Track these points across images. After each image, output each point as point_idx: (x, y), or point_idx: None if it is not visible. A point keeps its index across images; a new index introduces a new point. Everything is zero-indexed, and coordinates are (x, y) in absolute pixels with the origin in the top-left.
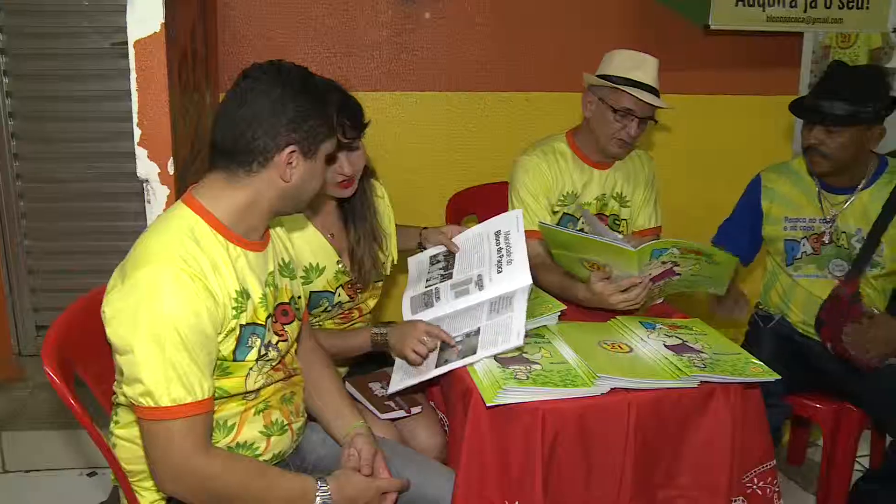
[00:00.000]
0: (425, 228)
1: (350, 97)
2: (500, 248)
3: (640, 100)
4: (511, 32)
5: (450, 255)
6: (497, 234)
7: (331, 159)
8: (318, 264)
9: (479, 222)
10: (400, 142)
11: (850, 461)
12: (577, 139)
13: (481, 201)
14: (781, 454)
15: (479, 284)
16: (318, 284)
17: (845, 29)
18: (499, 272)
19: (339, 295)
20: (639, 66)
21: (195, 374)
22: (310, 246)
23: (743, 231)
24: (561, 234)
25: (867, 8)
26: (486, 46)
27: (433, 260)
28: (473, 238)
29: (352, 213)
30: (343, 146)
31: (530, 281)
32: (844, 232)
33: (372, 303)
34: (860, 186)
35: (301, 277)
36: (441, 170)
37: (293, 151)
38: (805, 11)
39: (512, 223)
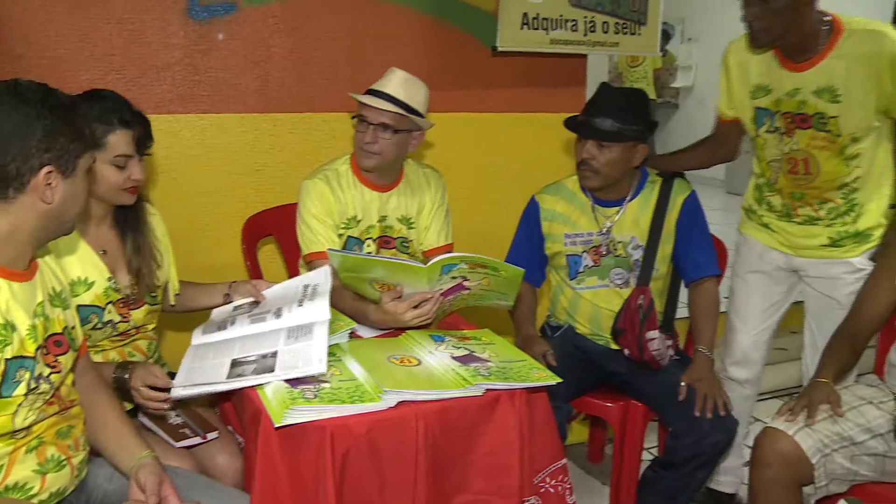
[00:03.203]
0: (234, 282)
1: (114, 102)
2: (307, 295)
3: (370, 105)
4: (306, 54)
5: (254, 304)
6: (305, 286)
7: (122, 166)
8: (86, 278)
9: (277, 243)
10: (195, 165)
11: (638, 451)
12: None
13: (278, 223)
14: (582, 454)
15: (277, 314)
16: (86, 299)
17: (622, 52)
18: (299, 307)
19: (110, 312)
20: (385, 77)
21: None
22: (80, 261)
23: (531, 255)
24: (349, 259)
25: (639, 34)
26: (282, 68)
27: (236, 309)
28: (281, 289)
29: (127, 226)
30: (137, 151)
31: (329, 315)
32: (620, 241)
33: (150, 326)
34: (628, 198)
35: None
36: (238, 192)
37: (50, 172)
38: (585, 35)
39: (321, 277)
